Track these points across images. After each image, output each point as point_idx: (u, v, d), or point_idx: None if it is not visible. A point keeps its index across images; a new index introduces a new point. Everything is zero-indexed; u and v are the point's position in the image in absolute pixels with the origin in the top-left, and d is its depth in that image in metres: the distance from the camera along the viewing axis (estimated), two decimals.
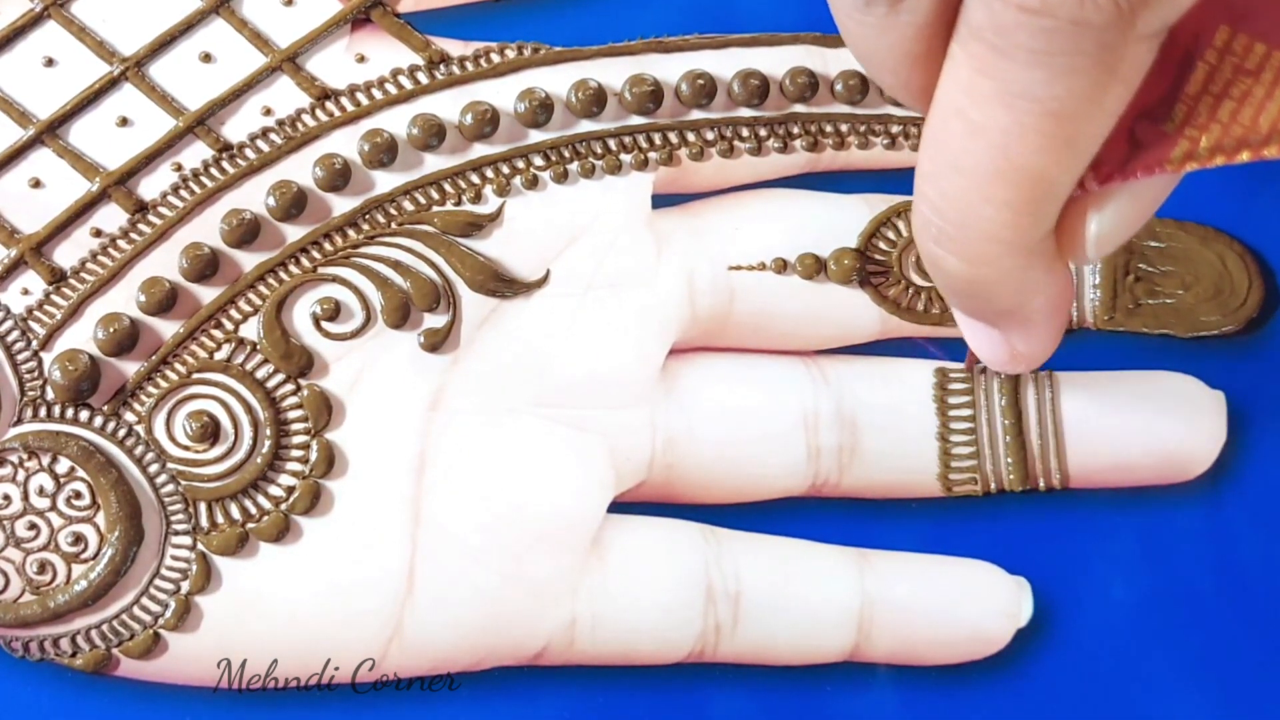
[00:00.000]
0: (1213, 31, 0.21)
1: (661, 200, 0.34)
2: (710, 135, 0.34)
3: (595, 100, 0.33)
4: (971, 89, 0.20)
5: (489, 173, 0.33)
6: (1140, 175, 0.21)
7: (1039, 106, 0.19)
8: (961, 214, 0.21)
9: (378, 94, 0.33)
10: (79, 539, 0.31)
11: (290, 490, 0.32)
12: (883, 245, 0.34)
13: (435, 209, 0.33)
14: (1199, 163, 0.21)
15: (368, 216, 0.33)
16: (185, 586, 0.31)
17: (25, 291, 0.32)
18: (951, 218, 0.21)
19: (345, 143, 0.33)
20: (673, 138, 0.34)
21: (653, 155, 0.34)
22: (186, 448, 0.32)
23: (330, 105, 0.33)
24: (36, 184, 0.33)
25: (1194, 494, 0.33)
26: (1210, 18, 0.21)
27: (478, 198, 0.33)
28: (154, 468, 0.32)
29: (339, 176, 0.33)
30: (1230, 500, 0.33)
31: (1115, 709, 0.32)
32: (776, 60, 0.34)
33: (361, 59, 0.34)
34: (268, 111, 0.33)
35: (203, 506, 0.32)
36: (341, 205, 0.33)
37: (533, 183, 0.33)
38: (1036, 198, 0.21)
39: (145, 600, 0.31)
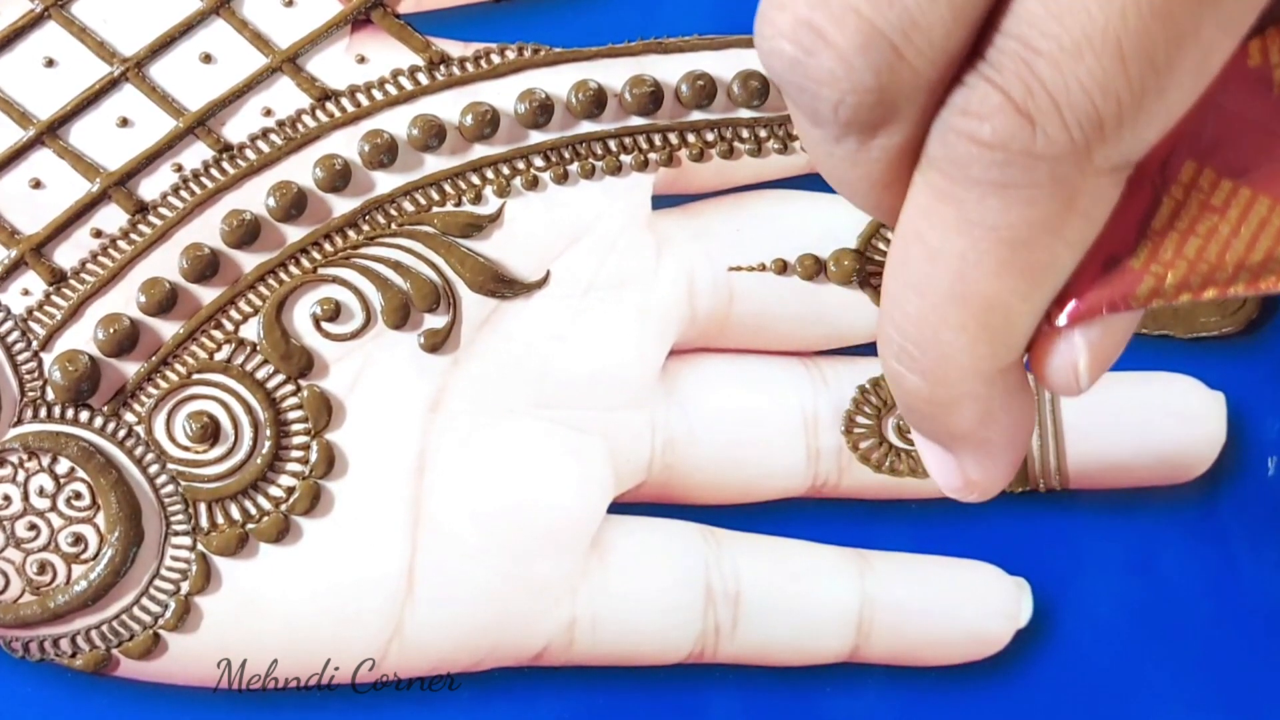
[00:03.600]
0: (1179, 165, 0.21)
1: (662, 201, 0.34)
2: (710, 136, 0.34)
3: (595, 101, 0.33)
4: (930, 214, 0.20)
5: (489, 174, 0.33)
6: (1107, 312, 0.21)
7: (995, 234, 0.19)
8: (922, 335, 0.21)
9: (378, 95, 0.33)
10: (79, 539, 0.31)
11: (290, 491, 0.32)
12: (883, 246, 0.34)
13: (435, 210, 0.33)
14: (1165, 299, 0.21)
15: (368, 217, 0.33)
16: (185, 587, 0.31)
17: (25, 292, 0.32)
18: (913, 338, 0.21)
19: (345, 143, 0.33)
20: (673, 139, 0.34)
21: (653, 156, 0.34)
22: (186, 448, 0.32)
23: (330, 106, 0.33)
24: (37, 184, 0.33)
25: (1193, 495, 0.33)
26: (1177, 151, 0.21)
27: (478, 199, 0.33)
28: (154, 468, 0.32)
29: (339, 177, 0.33)
30: (1229, 501, 0.33)
31: (1114, 710, 0.32)
32: None
33: (362, 60, 0.34)
34: (268, 112, 0.33)
35: (203, 507, 0.32)
36: (342, 206, 0.33)
37: (533, 184, 0.33)
38: (995, 325, 0.21)
39: (145, 601, 0.31)
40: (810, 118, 0.20)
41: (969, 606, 0.32)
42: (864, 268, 0.33)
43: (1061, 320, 0.21)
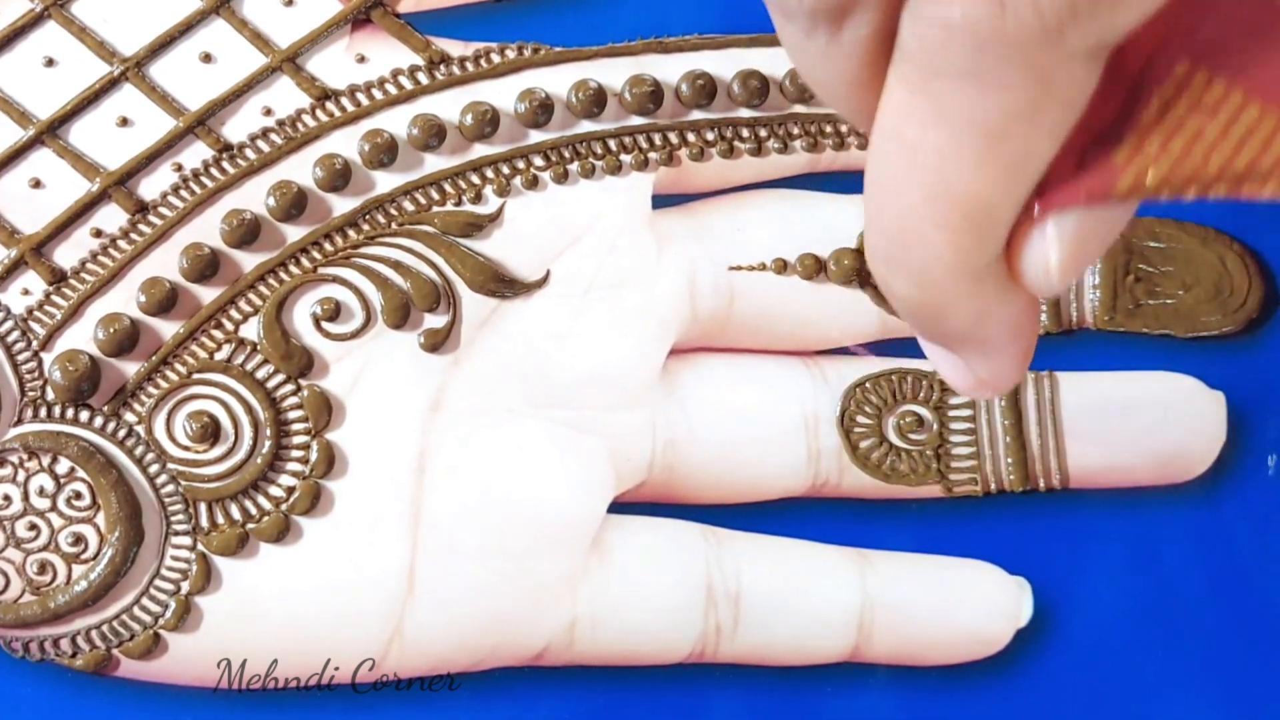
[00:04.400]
0: (1172, 62, 0.21)
1: (662, 201, 0.34)
2: (710, 136, 0.34)
3: (595, 101, 0.33)
4: (905, 110, 0.20)
5: (489, 173, 0.33)
6: (1085, 203, 0.21)
7: (970, 125, 0.19)
8: (904, 236, 0.21)
9: (378, 94, 0.33)
10: (79, 539, 0.31)
11: (290, 490, 0.32)
12: None
13: (435, 209, 0.33)
14: (1144, 195, 0.21)
15: (368, 217, 0.33)
16: (185, 587, 0.31)
17: (25, 292, 0.32)
18: (895, 240, 0.21)
19: (345, 143, 0.33)
20: (673, 138, 0.34)
21: (653, 156, 0.34)
22: (187, 448, 0.32)
23: (330, 105, 0.33)
24: (37, 184, 0.33)
25: (1194, 494, 0.33)
26: (1171, 46, 0.21)
27: (478, 198, 0.33)
28: (154, 468, 0.32)
29: (339, 177, 0.33)
30: (1230, 501, 0.33)
31: (1114, 709, 0.32)
32: (776, 60, 0.34)
33: (362, 59, 0.34)
34: (268, 112, 0.33)
35: (203, 507, 0.32)
36: (342, 205, 0.33)
37: (533, 183, 0.33)
38: (976, 220, 0.20)
39: (145, 601, 0.31)
40: (781, 11, 0.20)
41: (970, 606, 0.32)
42: (864, 267, 0.33)
43: (1040, 212, 0.21)
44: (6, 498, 0.31)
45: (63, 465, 0.31)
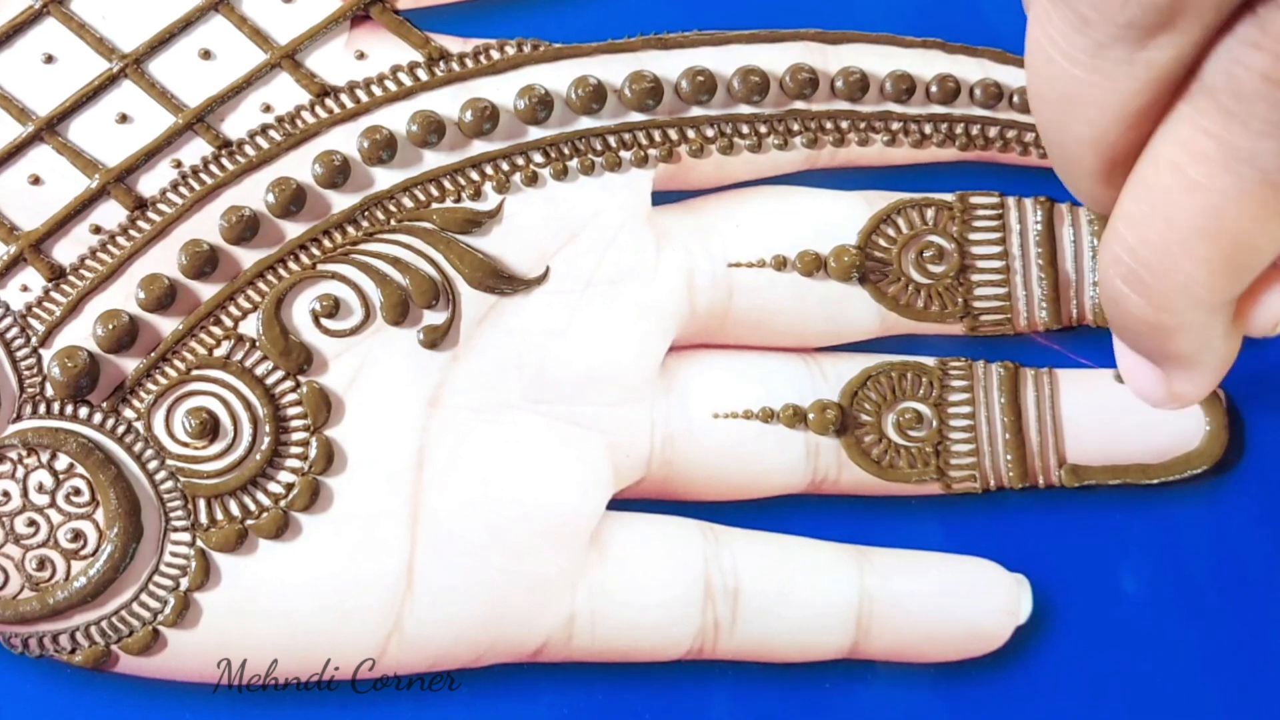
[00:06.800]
0: None
1: (661, 197, 0.34)
2: (710, 132, 0.34)
3: (595, 97, 0.33)
4: (1193, 146, 0.20)
5: (488, 169, 0.33)
6: None
7: (1263, 176, 0.20)
8: (1158, 262, 0.21)
9: (377, 91, 0.33)
10: (78, 535, 0.31)
11: (289, 487, 0.32)
12: (882, 242, 0.33)
13: (435, 206, 0.33)
14: None
15: (367, 213, 0.33)
16: (184, 583, 0.31)
17: (25, 288, 0.32)
18: (1146, 263, 0.21)
19: (344, 139, 0.33)
20: (672, 134, 0.34)
21: (652, 152, 0.34)
22: (186, 444, 0.32)
23: (330, 102, 0.33)
24: (36, 181, 0.33)
25: (1194, 490, 0.33)
26: None
27: (477, 194, 0.33)
28: (153, 464, 0.32)
29: (338, 173, 0.33)
30: (1231, 497, 0.33)
31: (1115, 706, 0.32)
32: (776, 57, 0.34)
33: (361, 56, 0.34)
34: (267, 108, 0.33)
35: (202, 503, 0.32)
36: (341, 202, 0.33)
37: (532, 179, 0.33)
38: (1238, 262, 0.21)
39: (144, 597, 0.31)
40: (1083, 18, 0.19)
41: (968, 602, 0.32)
42: (863, 264, 0.33)
43: None
44: (5, 494, 0.32)
45: (62, 461, 0.32)
